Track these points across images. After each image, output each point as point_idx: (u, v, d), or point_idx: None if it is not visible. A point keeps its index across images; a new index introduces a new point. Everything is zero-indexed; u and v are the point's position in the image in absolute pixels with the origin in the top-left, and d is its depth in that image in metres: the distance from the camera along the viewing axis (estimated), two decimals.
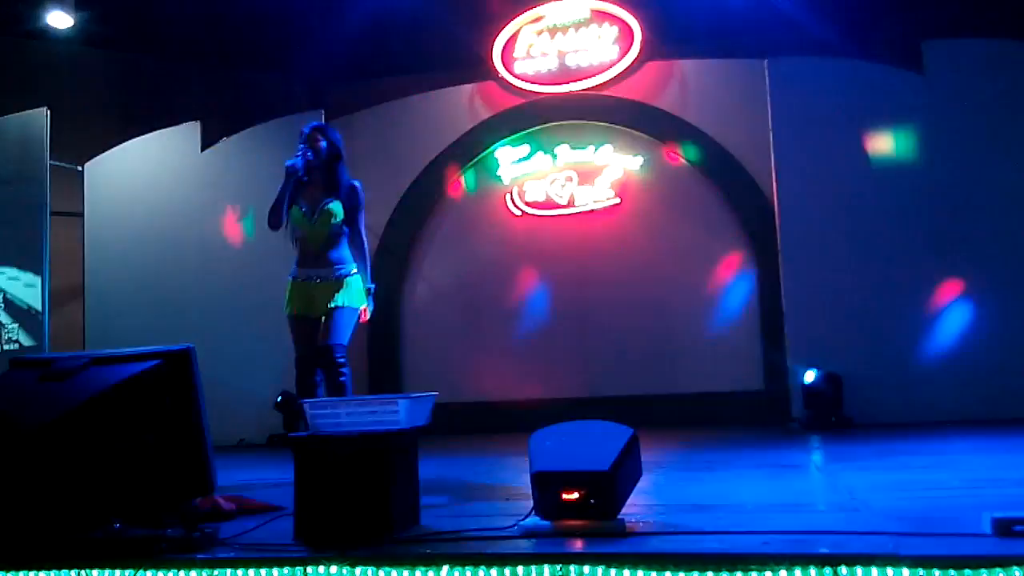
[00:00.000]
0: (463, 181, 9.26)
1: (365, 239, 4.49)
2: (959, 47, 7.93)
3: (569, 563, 2.27)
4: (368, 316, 4.49)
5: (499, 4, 9.16)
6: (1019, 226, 7.57)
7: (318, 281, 4.30)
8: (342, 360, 4.33)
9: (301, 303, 4.34)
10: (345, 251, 4.37)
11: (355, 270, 4.38)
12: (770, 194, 8.22)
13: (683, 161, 8.73)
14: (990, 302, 7.54)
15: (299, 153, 4.29)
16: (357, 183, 4.45)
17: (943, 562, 2.07)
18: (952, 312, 7.60)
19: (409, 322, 9.26)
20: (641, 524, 2.74)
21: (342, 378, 4.35)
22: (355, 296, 4.34)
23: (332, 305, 4.28)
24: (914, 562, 2.08)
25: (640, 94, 8.84)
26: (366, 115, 9.46)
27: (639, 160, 8.81)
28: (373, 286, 4.51)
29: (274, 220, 4.33)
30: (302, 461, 2.79)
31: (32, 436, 2.56)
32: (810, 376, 7.56)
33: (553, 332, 8.81)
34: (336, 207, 4.32)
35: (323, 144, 4.35)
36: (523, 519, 2.69)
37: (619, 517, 2.65)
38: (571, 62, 8.99)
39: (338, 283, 4.29)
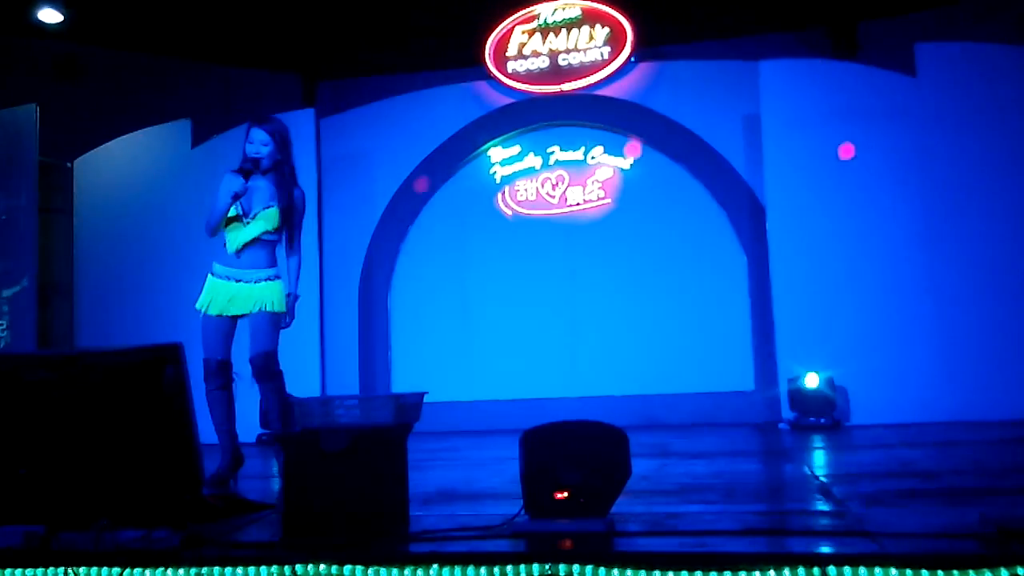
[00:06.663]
0: (454, 180, 9.24)
1: (300, 249, 4.24)
2: (951, 50, 7.96)
3: (558, 562, 2.27)
4: (288, 323, 4.18)
5: (491, 3, 9.14)
6: (1010, 228, 7.59)
7: (239, 282, 4.08)
8: (278, 369, 4.10)
9: (219, 302, 4.08)
10: (271, 256, 4.15)
11: (278, 275, 4.15)
12: (761, 195, 8.23)
13: (674, 162, 8.74)
14: (982, 302, 7.55)
15: (244, 166, 4.08)
16: (301, 191, 4.23)
17: (934, 562, 2.07)
18: (943, 313, 7.62)
19: (399, 320, 9.24)
20: (630, 523, 2.74)
21: (282, 386, 4.11)
22: (277, 301, 4.09)
23: (254, 310, 4.04)
24: (904, 562, 2.08)
25: (632, 95, 8.85)
26: (357, 113, 9.44)
27: (630, 161, 8.81)
28: (298, 295, 4.22)
29: (211, 230, 4.14)
30: (290, 459, 2.77)
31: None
32: (800, 377, 7.57)
33: (543, 332, 8.80)
34: (273, 213, 4.10)
35: (269, 149, 4.10)
36: (513, 518, 2.69)
37: (608, 516, 2.65)
38: (563, 62, 8.99)
39: (260, 287, 4.07)
